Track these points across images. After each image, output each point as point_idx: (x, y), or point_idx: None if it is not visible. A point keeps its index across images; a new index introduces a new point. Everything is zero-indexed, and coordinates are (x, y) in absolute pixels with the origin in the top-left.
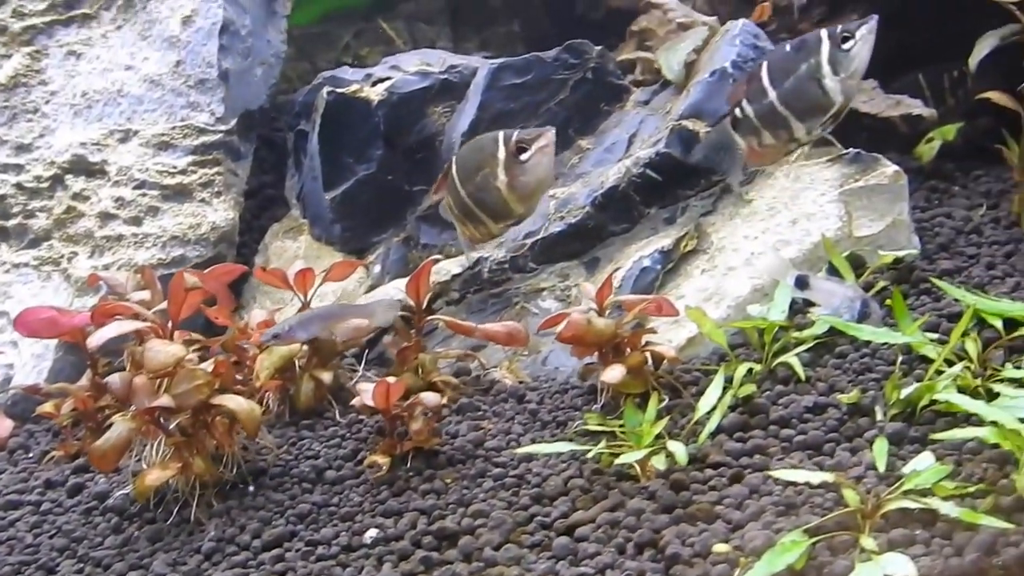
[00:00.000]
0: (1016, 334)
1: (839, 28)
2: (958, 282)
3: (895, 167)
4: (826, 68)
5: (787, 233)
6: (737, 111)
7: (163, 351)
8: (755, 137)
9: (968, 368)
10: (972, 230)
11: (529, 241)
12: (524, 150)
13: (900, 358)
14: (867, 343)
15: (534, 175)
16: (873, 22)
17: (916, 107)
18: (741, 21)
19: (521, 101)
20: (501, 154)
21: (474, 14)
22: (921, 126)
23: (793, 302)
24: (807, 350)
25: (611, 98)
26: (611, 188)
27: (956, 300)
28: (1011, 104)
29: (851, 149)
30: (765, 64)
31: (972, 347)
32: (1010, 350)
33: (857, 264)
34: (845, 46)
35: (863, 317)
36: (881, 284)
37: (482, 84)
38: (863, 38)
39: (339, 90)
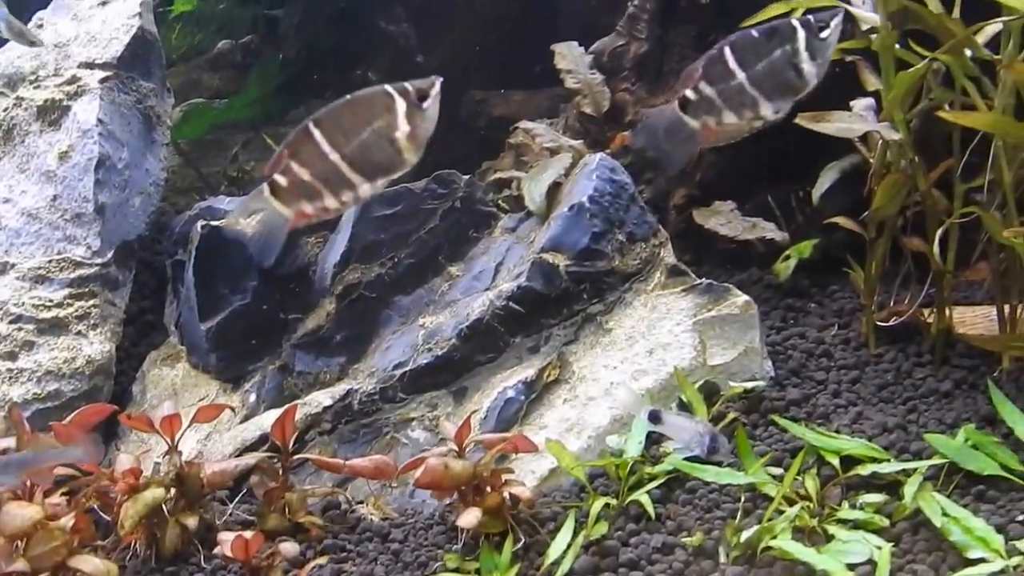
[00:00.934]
0: (852, 472)
1: (812, 20)
2: (804, 412)
3: (746, 297)
4: (804, 54)
5: (644, 363)
6: (690, 93)
7: (19, 515)
8: (714, 116)
9: (807, 508)
10: (823, 353)
11: (398, 372)
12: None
13: (743, 496)
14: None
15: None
16: (841, 15)
17: (770, 231)
18: (599, 156)
19: (391, 231)
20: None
21: None
22: (776, 246)
23: (651, 433)
24: (659, 485)
25: (480, 225)
26: (476, 320)
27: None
28: (856, 228)
29: (703, 280)
30: (728, 48)
31: (811, 485)
32: (847, 487)
33: (711, 393)
34: (822, 35)
35: (712, 452)
36: (731, 416)
37: (353, 215)
38: (835, 28)
39: (214, 223)
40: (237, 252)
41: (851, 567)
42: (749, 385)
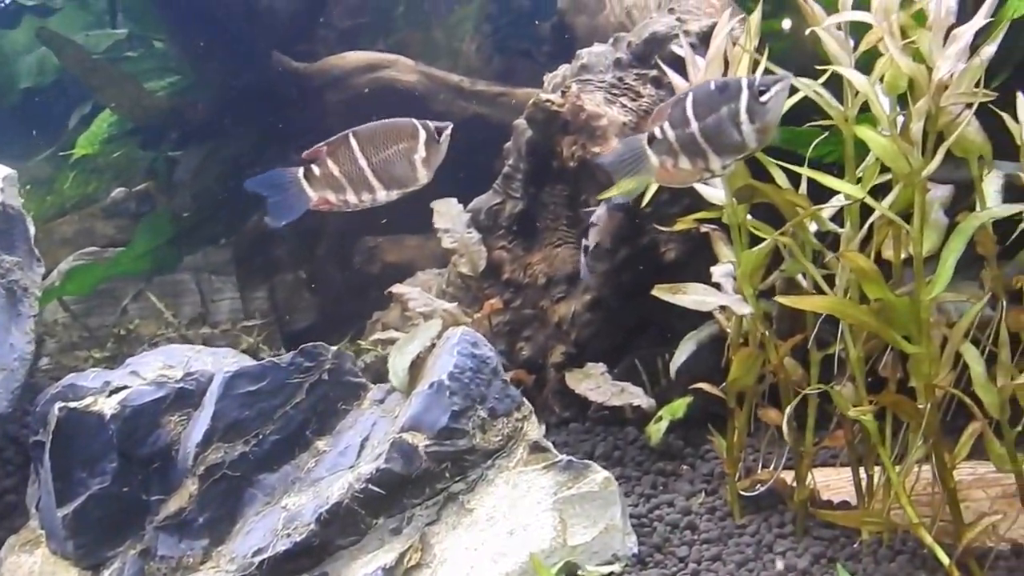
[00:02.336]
0: None
1: (757, 83)
2: None
3: (605, 474)
4: (744, 115)
5: (505, 545)
6: (657, 131)
7: None
8: (671, 159)
9: None
10: (688, 525)
11: (257, 560)
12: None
13: None
14: None
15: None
16: (788, 80)
17: (637, 397)
18: (460, 329)
19: (256, 408)
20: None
21: (260, 264)
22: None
23: None
24: None
25: (349, 397)
26: (335, 504)
27: None
28: (719, 393)
29: (563, 456)
30: (691, 96)
31: None
32: None
33: (572, 574)
34: (762, 98)
35: None
36: None
37: (216, 393)
38: (777, 93)
39: (71, 405)
40: (95, 434)
41: None
42: (605, 570)
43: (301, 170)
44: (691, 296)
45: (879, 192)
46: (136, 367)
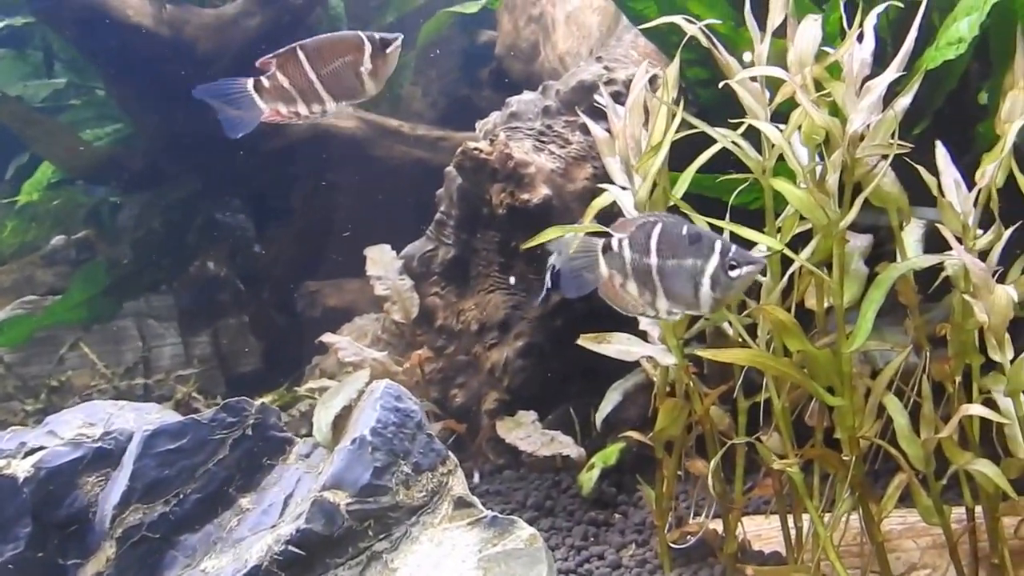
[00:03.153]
0: None
1: (731, 253)
2: None
3: (531, 530)
4: (706, 279)
5: None
6: (615, 243)
7: None
8: (621, 278)
9: None
10: None
11: None
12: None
13: None
14: None
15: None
16: (761, 264)
17: (567, 447)
18: (384, 383)
19: (177, 466)
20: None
21: (203, 309)
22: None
23: None
24: None
25: (274, 452)
26: (254, 567)
27: None
28: (647, 440)
29: (489, 512)
30: (659, 227)
31: None
32: None
33: None
34: (731, 273)
35: None
36: None
37: (135, 452)
38: (747, 273)
39: None
40: (8, 498)
41: None
42: None
43: (251, 81)
44: (615, 346)
45: (800, 241)
46: (54, 426)
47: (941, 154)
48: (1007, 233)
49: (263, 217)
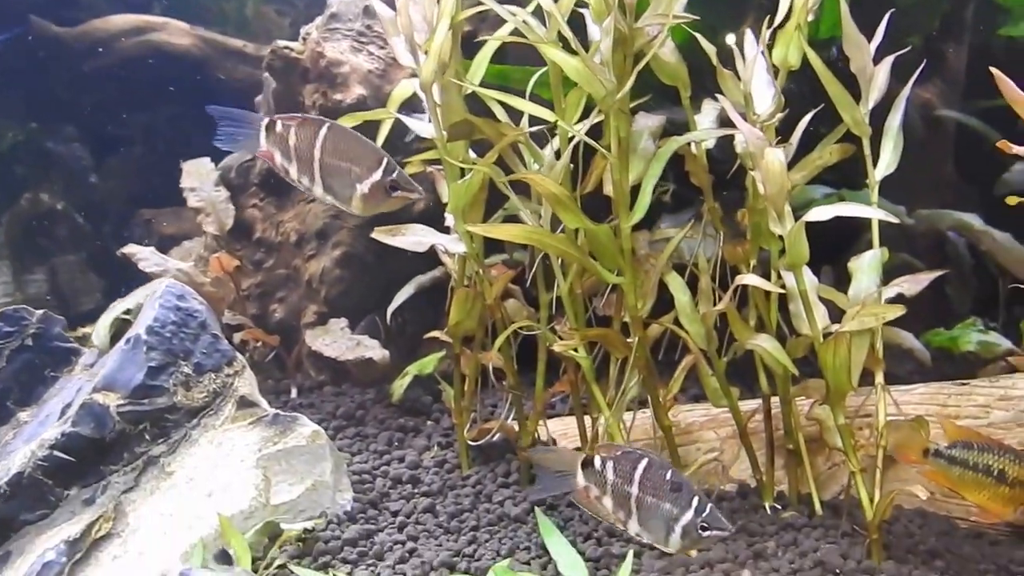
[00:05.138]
0: None
1: (704, 514)
2: (358, 552)
3: (314, 427)
4: (679, 527)
5: (202, 508)
6: (598, 462)
7: None
8: (599, 493)
9: None
10: (411, 479)
11: None
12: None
13: None
14: None
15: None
16: (727, 533)
17: (371, 350)
18: (166, 281)
19: None
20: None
21: (38, 245)
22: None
23: None
24: None
25: (58, 363)
26: (16, 475)
27: None
28: (444, 337)
29: (271, 410)
30: (645, 463)
31: None
32: None
33: (274, 535)
34: (703, 530)
35: None
36: (278, 563)
37: None
38: (713, 536)
39: None
40: None
41: None
42: (309, 524)
43: (267, 119)
44: (409, 237)
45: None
46: None
47: (750, 42)
48: (806, 117)
49: (100, 146)
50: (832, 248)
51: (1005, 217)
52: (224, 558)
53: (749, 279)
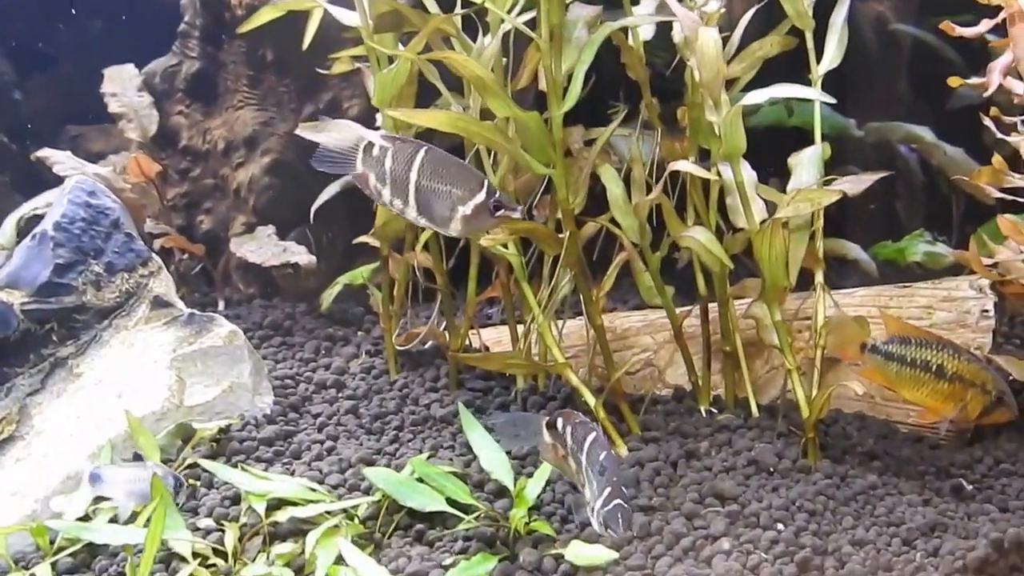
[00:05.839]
0: (273, 518)
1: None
2: (274, 451)
3: (231, 327)
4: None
5: (112, 409)
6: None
7: None
8: (563, 453)
9: (216, 567)
10: (336, 383)
11: None
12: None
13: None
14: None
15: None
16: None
17: (298, 255)
18: (76, 178)
19: None
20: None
21: None
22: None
23: None
24: (72, 553)
25: None
26: None
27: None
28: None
29: (187, 310)
30: (614, 475)
31: (230, 537)
32: (273, 537)
33: (187, 437)
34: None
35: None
36: (189, 461)
37: None
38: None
39: None
40: None
41: None
42: (223, 423)
43: (366, 141)
44: (334, 132)
45: None
46: None
47: None
48: (749, 12)
49: (24, 62)
50: (780, 164)
51: (958, 134)
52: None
53: (682, 165)
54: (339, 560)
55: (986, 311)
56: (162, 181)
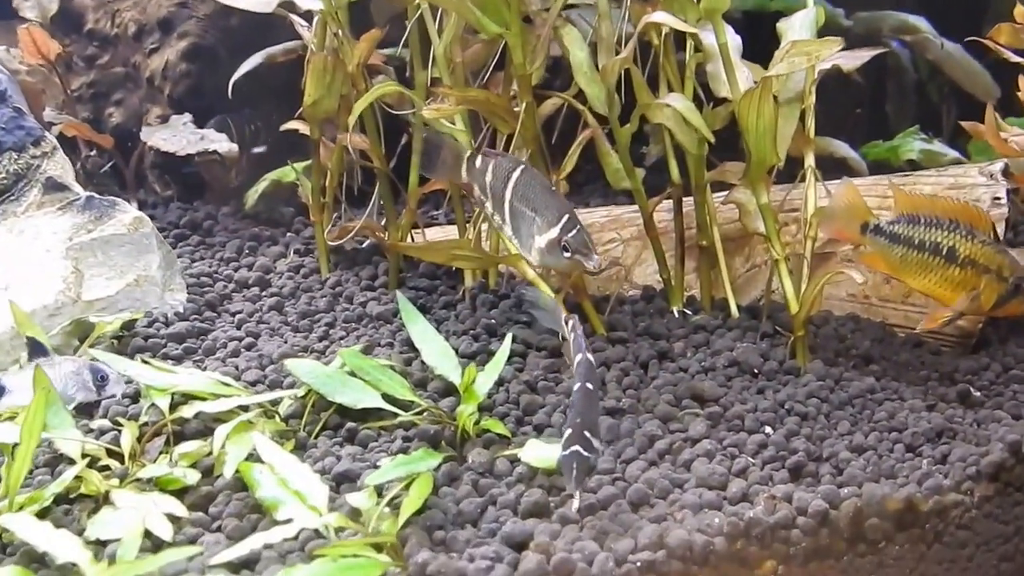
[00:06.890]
0: (178, 414)
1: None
2: (185, 348)
3: (137, 213)
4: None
5: None
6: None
7: None
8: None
9: (110, 468)
10: (259, 282)
11: None
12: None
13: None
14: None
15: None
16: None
17: (217, 143)
18: None
19: None
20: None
21: None
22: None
23: None
24: None
25: None
26: None
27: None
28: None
29: (84, 193)
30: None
31: (128, 436)
32: (177, 436)
33: (86, 333)
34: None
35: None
36: (84, 358)
37: None
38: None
39: None
40: None
41: (102, 543)
42: (125, 317)
43: (471, 153)
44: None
45: None
46: None
47: None
48: None
49: None
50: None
51: (955, 28)
52: (39, 350)
53: (659, 16)
54: (254, 458)
55: (998, 198)
56: (66, 69)
